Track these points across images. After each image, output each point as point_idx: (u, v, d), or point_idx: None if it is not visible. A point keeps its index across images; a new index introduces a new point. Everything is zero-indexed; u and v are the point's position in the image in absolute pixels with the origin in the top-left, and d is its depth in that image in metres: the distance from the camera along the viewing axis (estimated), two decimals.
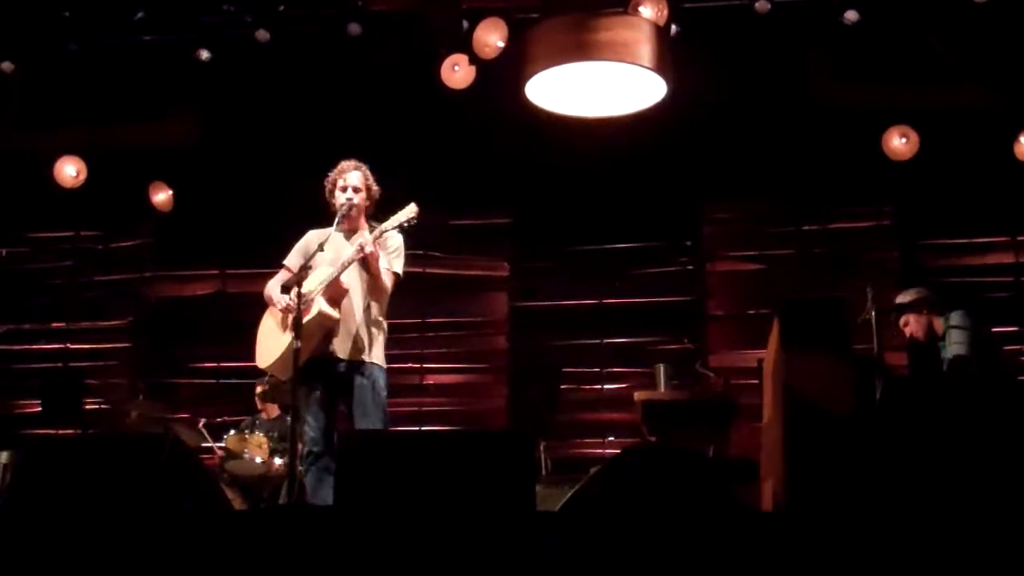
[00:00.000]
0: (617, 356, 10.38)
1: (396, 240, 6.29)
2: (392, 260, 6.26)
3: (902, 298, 7.19)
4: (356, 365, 6.11)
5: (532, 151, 9.62)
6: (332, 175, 6.37)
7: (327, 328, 6.05)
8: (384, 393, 6.18)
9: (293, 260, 6.34)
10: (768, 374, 6.85)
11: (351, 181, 6.31)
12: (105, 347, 11.39)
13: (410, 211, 6.07)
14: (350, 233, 6.30)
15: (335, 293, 6.06)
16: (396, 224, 6.07)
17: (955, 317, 6.96)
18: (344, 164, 6.38)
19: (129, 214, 11.02)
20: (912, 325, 7.15)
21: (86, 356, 11.34)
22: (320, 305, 5.98)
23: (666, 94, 7.05)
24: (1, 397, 11.34)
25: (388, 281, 6.23)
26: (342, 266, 6.05)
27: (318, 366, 6.07)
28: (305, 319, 5.87)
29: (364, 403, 6.05)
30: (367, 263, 6.05)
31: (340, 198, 6.27)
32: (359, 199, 6.31)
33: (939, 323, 7.04)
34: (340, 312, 6.09)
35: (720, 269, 10.44)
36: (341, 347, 6.09)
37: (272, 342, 6.21)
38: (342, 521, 3.87)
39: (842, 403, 4.84)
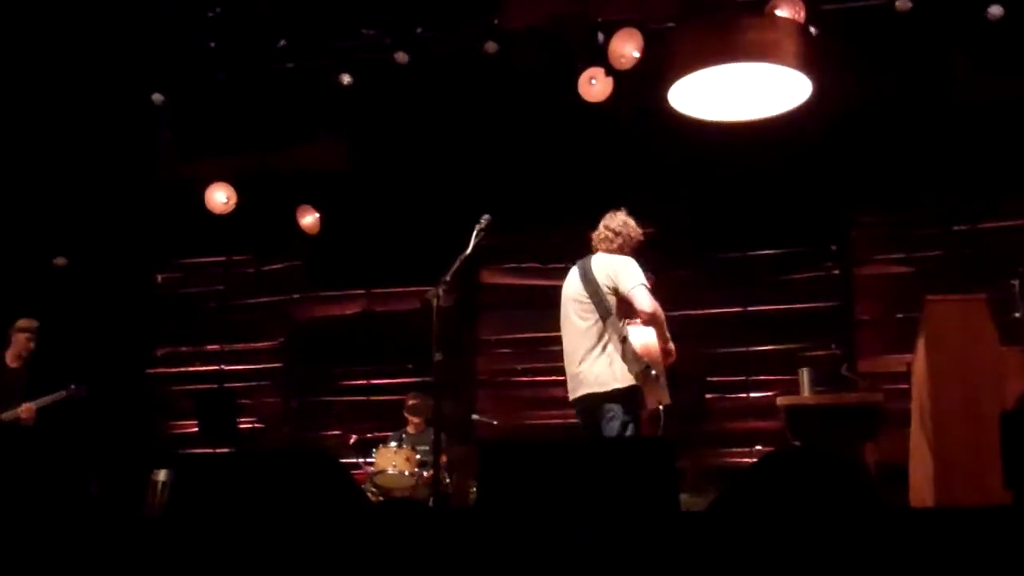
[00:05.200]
0: (763, 364, 10.19)
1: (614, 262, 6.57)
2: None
3: None
4: None
5: (673, 159, 9.57)
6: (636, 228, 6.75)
7: None
8: None
9: None
10: (917, 377, 6.72)
11: None
12: (258, 368, 11.70)
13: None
14: None
15: None
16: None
17: None
18: None
19: (278, 238, 11.27)
20: None
21: (239, 377, 11.64)
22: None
23: (810, 94, 7.01)
24: (159, 418, 11.71)
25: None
26: None
27: None
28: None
29: None
30: None
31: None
32: None
33: None
34: None
35: (867, 273, 10.23)
36: None
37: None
38: (482, 523, 3.89)
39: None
